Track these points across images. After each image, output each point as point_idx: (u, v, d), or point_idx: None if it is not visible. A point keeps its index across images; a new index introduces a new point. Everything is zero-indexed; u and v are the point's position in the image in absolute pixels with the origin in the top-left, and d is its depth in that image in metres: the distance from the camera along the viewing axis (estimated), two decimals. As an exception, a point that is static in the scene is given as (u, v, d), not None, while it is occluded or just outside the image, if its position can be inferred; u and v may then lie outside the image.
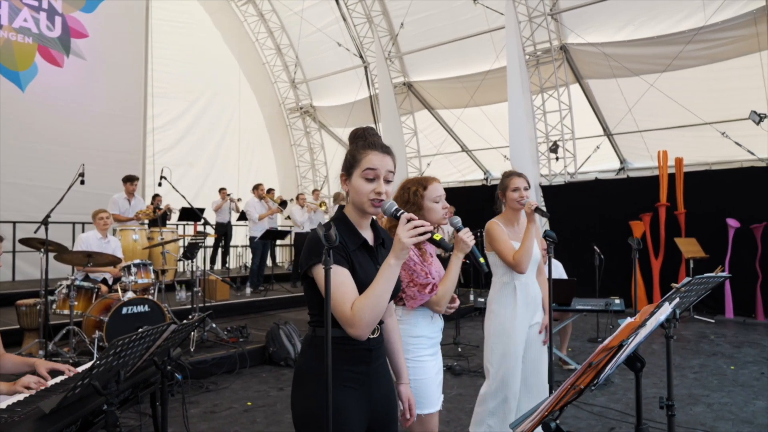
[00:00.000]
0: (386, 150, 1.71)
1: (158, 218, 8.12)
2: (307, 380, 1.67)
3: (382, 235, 1.81)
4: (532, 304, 2.94)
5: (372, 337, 1.69)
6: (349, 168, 1.71)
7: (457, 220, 2.23)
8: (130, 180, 7.39)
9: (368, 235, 1.76)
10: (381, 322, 1.76)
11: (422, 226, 1.52)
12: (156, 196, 9.42)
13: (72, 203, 5.87)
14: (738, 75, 8.98)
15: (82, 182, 5.49)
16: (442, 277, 2.32)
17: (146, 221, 8.12)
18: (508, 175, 3.01)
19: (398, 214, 1.59)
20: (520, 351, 2.89)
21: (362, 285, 1.59)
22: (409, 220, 1.53)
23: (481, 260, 2.16)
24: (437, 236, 1.59)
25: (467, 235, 2.16)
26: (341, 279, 1.57)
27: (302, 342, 1.87)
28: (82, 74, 9.95)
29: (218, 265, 11.44)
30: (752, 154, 9.02)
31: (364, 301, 1.53)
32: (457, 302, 2.44)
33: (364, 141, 1.72)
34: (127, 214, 7.33)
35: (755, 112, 8.37)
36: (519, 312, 2.89)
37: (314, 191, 12.89)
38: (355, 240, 1.68)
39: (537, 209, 2.84)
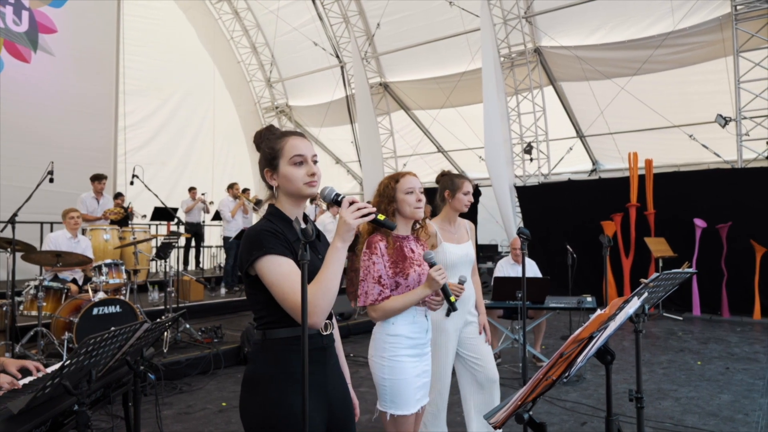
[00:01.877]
0: (302, 134, 1.72)
1: (128, 216, 7.97)
2: (263, 387, 1.59)
3: (316, 229, 1.78)
4: (467, 303, 3.03)
5: (325, 334, 1.66)
6: (271, 161, 1.68)
7: (431, 255, 2.20)
8: (98, 179, 7.26)
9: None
10: (332, 317, 1.74)
11: (365, 207, 1.53)
12: (119, 195, 9.13)
13: (40, 202, 5.72)
14: (705, 79, 9.25)
15: (51, 180, 5.37)
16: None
17: (112, 220, 7.93)
18: (460, 177, 3.07)
19: (339, 199, 1.60)
20: (452, 345, 2.97)
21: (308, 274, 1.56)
22: (351, 203, 1.54)
23: (452, 299, 2.13)
24: (381, 216, 1.63)
25: (437, 273, 2.14)
26: (288, 269, 1.53)
27: (251, 350, 1.80)
28: (51, 70, 9.69)
29: (191, 266, 11.28)
30: (718, 156, 9.29)
31: (316, 286, 1.49)
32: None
33: (273, 134, 1.72)
34: (95, 214, 7.18)
35: (721, 116, 8.62)
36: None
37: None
38: (294, 232, 1.62)
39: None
